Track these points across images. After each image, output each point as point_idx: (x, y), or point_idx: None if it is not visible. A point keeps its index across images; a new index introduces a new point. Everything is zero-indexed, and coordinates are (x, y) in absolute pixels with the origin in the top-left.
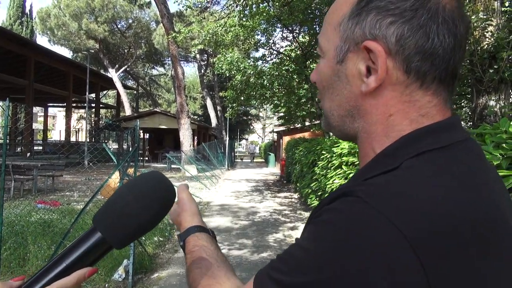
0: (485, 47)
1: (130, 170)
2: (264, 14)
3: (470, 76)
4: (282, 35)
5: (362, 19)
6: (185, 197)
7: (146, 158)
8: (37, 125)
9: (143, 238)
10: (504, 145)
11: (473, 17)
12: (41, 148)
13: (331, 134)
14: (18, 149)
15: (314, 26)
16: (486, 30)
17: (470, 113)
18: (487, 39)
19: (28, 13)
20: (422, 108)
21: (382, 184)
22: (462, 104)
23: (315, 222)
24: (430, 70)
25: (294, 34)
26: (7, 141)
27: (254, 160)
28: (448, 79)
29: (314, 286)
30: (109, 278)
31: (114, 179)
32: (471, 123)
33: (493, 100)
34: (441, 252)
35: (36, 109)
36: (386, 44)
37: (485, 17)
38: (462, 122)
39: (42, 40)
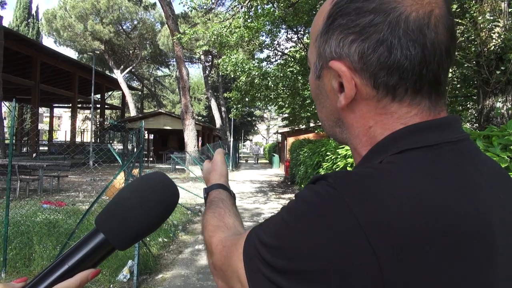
0: (492, 48)
1: (135, 171)
2: (269, 15)
3: (476, 78)
4: (286, 36)
5: (329, 37)
6: (218, 160)
7: (151, 159)
8: (43, 126)
9: (147, 239)
10: (511, 147)
11: (479, 18)
12: (46, 148)
13: None
14: (24, 149)
15: None
16: (493, 31)
17: (476, 114)
18: (494, 40)
19: (34, 15)
20: (401, 118)
21: (354, 173)
22: (469, 105)
23: (296, 196)
24: (400, 83)
25: (299, 35)
26: (13, 141)
27: (259, 162)
28: (426, 88)
29: (282, 251)
30: (114, 278)
31: (119, 180)
32: (477, 125)
33: (500, 101)
34: (395, 244)
35: (42, 110)
36: (350, 62)
37: (492, 18)
38: (463, 123)
39: (48, 41)
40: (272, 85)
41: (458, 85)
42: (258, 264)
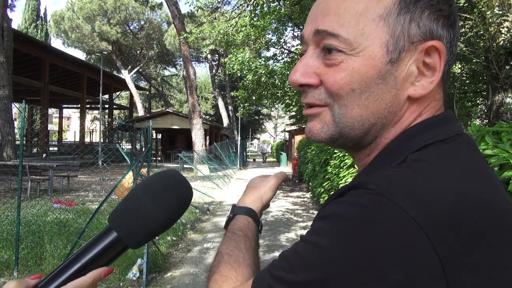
0: (501, 43)
1: (144, 170)
2: (275, 13)
3: (485, 73)
4: (293, 34)
5: (418, 16)
6: (272, 183)
7: (159, 158)
8: (52, 126)
9: (156, 237)
10: None
11: (488, 12)
12: (56, 149)
13: None
14: (34, 150)
15: None
16: (502, 26)
17: (486, 110)
18: (503, 35)
19: (43, 17)
20: (438, 104)
21: (392, 176)
22: (478, 101)
23: (323, 216)
24: (449, 70)
25: None
26: (24, 142)
27: (267, 160)
28: (447, 78)
29: (325, 283)
30: (123, 276)
31: (128, 179)
32: (486, 120)
33: (510, 97)
34: (455, 241)
35: (51, 111)
36: (444, 44)
37: (500, 12)
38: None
39: (56, 43)
40: (279, 83)
41: (467, 81)
42: None
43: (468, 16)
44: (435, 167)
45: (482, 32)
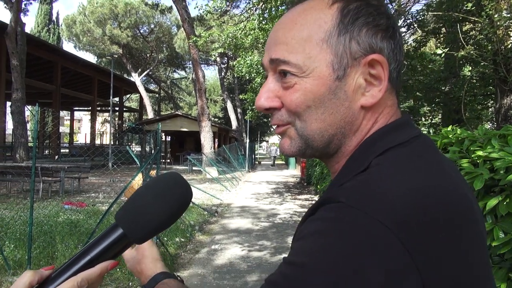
0: (509, 46)
1: (153, 172)
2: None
3: (493, 76)
4: None
5: (357, 35)
6: (145, 243)
7: (168, 161)
8: (64, 129)
9: (165, 238)
10: None
11: (495, 15)
12: (67, 150)
13: None
14: (46, 151)
15: None
16: (510, 29)
17: (495, 113)
18: (511, 38)
19: (55, 20)
20: (392, 109)
21: (358, 185)
22: (488, 104)
23: (301, 237)
24: (397, 77)
25: None
26: (37, 144)
27: (275, 163)
28: (397, 88)
29: None
30: (132, 276)
31: (137, 181)
32: (495, 124)
33: None
34: (420, 235)
35: (62, 113)
36: (384, 55)
37: (509, 15)
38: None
39: (68, 46)
40: None
41: (477, 84)
42: None
43: (476, 19)
44: (393, 169)
45: (490, 35)
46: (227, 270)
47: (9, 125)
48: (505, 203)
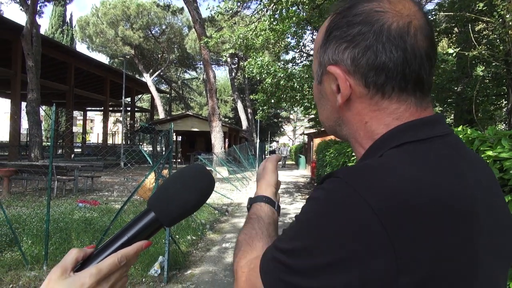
0: None
1: (165, 171)
2: (294, 17)
3: (505, 76)
4: (312, 37)
5: (327, 48)
6: (269, 167)
7: (179, 160)
8: (76, 128)
9: (177, 236)
10: None
11: (507, 16)
12: (80, 150)
13: None
14: (59, 151)
15: None
16: None
17: (507, 114)
18: None
19: (69, 22)
20: (393, 113)
21: (359, 166)
22: (501, 104)
23: (307, 199)
24: (387, 82)
25: None
26: (48, 144)
27: (286, 163)
28: (411, 86)
29: (303, 250)
30: (145, 273)
31: (150, 180)
32: (508, 124)
33: None
34: (402, 221)
35: (75, 113)
36: (344, 66)
37: None
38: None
39: (81, 47)
40: (298, 86)
41: (490, 84)
42: (276, 274)
43: (488, 19)
44: (399, 160)
45: (502, 35)
46: None
47: (23, 125)
48: None
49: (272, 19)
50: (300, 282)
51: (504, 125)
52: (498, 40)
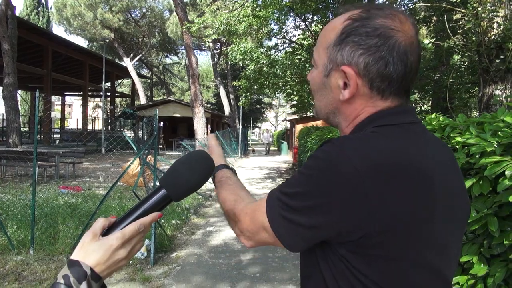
0: (492, 37)
1: (150, 158)
2: (277, 4)
3: (477, 66)
4: (295, 24)
5: (342, 48)
6: (213, 144)
7: (161, 146)
8: (54, 114)
9: (162, 220)
10: (499, 133)
11: (479, 8)
12: (59, 136)
13: None
14: (38, 137)
15: (328, 15)
16: (493, 21)
17: (477, 102)
18: (494, 30)
19: (44, 3)
20: (374, 109)
21: (349, 136)
22: (475, 92)
23: (309, 157)
24: (387, 88)
25: (307, 23)
26: (27, 129)
27: (270, 150)
28: (401, 93)
29: (301, 194)
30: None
31: (133, 167)
32: (478, 111)
33: (499, 89)
34: (376, 177)
35: (53, 98)
36: (357, 68)
37: (492, 8)
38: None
39: (58, 30)
40: (280, 73)
41: (465, 72)
42: (279, 210)
43: (462, 10)
44: (380, 136)
45: (474, 26)
46: (222, 250)
47: (0, 110)
48: (478, 184)
49: (255, 5)
50: (295, 218)
51: (477, 112)
52: (472, 31)
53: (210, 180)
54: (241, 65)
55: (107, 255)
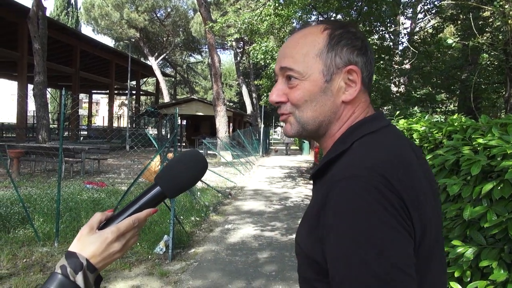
0: None
1: (170, 155)
2: (300, 2)
3: (503, 66)
4: (317, 22)
5: (339, 51)
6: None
7: (184, 144)
8: (82, 111)
9: (181, 217)
10: None
11: (506, 6)
12: (85, 133)
13: None
14: (65, 133)
15: (351, 13)
16: None
17: (504, 102)
18: None
19: (73, 4)
20: (365, 104)
21: (349, 162)
22: (503, 92)
23: (330, 215)
24: (369, 83)
25: None
26: (55, 126)
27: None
28: (369, 89)
29: (376, 250)
30: (151, 251)
31: (156, 163)
32: (505, 112)
33: None
34: (400, 184)
35: (80, 96)
36: (358, 67)
37: None
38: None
39: (86, 30)
40: None
41: (494, 72)
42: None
43: (488, 8)
44: (366, 149)
45: (501, 25)
46: (239, 247)
47: (30, 107)
48: (499, 188)
49: (277, 4)
50: (399, 270)
51: (503, 112)
52: (500, 29)
53: (221, 178)
54: (263, 64)
55: (102, 248)
